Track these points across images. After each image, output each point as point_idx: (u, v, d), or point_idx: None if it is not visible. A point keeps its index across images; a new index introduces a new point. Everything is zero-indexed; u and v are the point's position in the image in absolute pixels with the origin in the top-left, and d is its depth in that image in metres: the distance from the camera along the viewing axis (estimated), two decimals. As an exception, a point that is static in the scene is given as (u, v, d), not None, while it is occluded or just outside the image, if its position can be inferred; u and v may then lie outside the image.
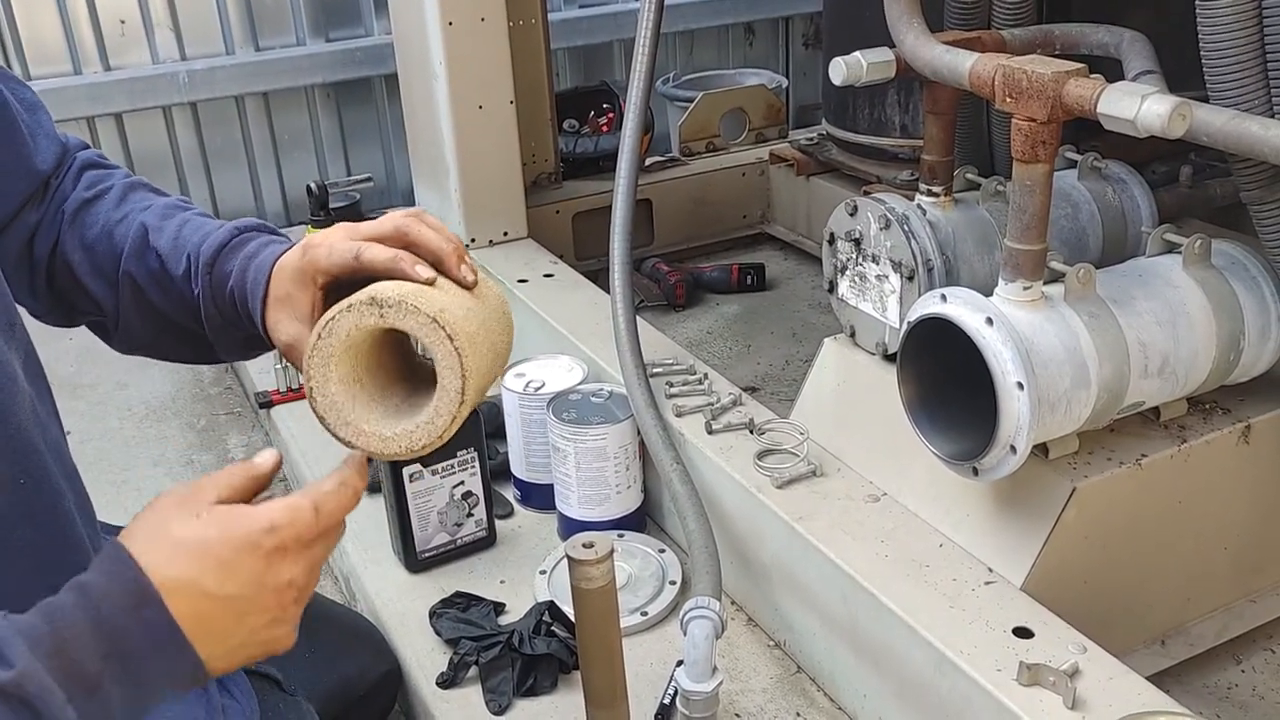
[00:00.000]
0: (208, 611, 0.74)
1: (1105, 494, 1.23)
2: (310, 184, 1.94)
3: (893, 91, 2.23)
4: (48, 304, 1.08)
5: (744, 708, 1.32)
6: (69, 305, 1.08)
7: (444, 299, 0.86)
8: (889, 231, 1.36)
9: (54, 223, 1.05)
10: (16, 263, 1.04)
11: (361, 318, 0.83)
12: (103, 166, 1.11)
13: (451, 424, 0.84)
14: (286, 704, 1.13)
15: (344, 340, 0.83)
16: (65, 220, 1.05)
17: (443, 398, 0.83)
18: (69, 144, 1.11)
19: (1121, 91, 1.04)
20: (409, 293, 0.84)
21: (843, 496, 1.37)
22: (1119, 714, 0.98)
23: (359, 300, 0.83)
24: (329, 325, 0.83)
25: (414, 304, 0.82)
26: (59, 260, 1.05)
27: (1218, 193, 1.62)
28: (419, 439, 0.84)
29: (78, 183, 1.08)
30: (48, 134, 1.07)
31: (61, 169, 1.08)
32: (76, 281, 1.05)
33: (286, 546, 0.76)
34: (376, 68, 3.11)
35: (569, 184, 2.55)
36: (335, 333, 0.83)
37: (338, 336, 0.83)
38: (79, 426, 2.21)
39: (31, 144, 1.04)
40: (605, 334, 1.68)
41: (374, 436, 0.85)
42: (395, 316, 0.82)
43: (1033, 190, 1.13)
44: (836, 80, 1.35)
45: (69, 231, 1.05)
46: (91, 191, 1.07)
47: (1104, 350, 1.16)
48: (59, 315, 1.10)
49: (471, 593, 1.48)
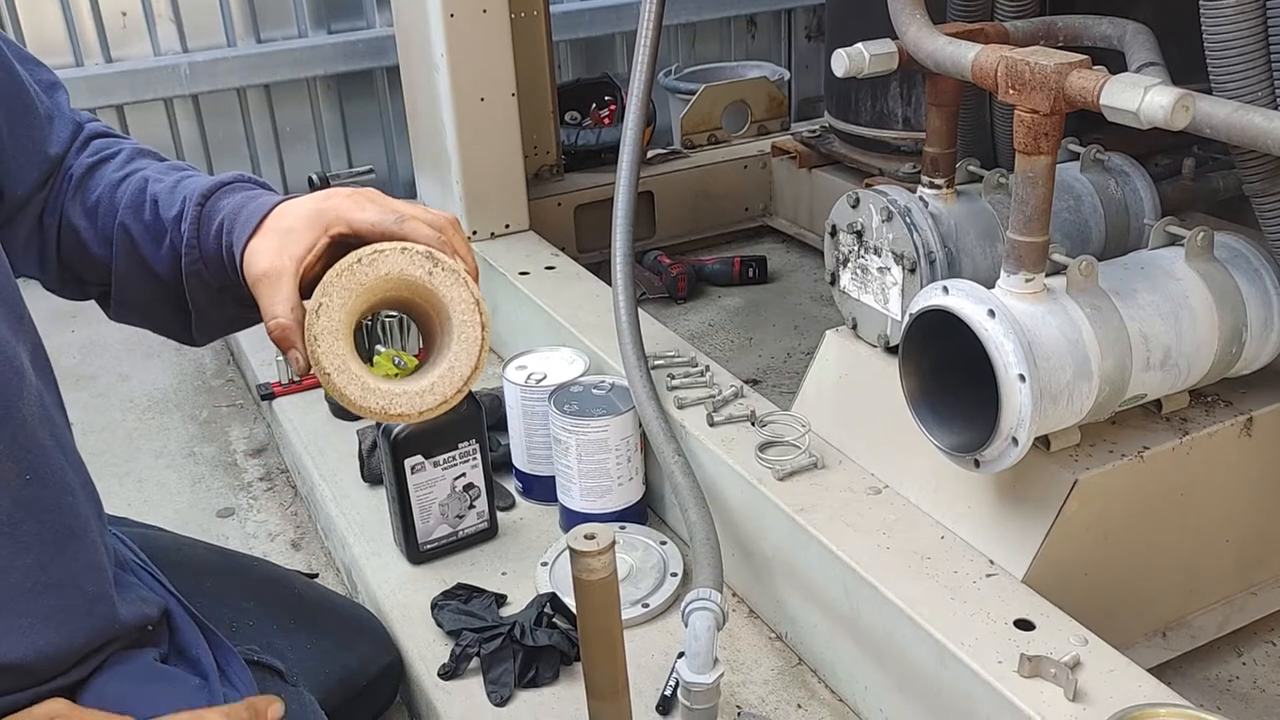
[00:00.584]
0: None
1: (1107, 486, 1.23)
2: (312, 175, 1.94)
3: (895, 84, 2.23)
4: (58, 275, 1.07)
5: (745, 699, 1.32)
6: (77, 275, 1.07)
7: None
8: (891, 224, 1.36)
9: (61, 192, 1.05)
10: (28, 237, 1.04)
11: (411, 264, 0.81)
12: (111, 135, 1.11)
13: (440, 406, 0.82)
14: (288, 695, 1.13)
15: (381, 278, 0.81)
16: (71, 186, 1.04)
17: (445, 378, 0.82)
18: (83, 121, 1.11)
19: (1124, 83, 1.03)
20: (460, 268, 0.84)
21: (844, 489, 1.37)
22: (1120, 706, 0.98)
23: (415, 249, 0.82)
24: (373, 258, 0.81)
25: (465, 277, 0.82)
26: (65, 227, 1.04)
27: (1220, 185, 1.62)
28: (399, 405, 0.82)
29: (84, 150, 1.07)
30: (64, 115, 1.07)
31: (74, 146, 1.08)
32: (81, 246, 1.04)
33: None
34: (378, 60, 3.11)
35: (570, 176, 2.54)
36: (377, 265, 0.81)
37: (378, 270, 0.81)
38: (81, 418, 2.21)
39: (48, 128, 1.04)
40: (607, 326, 1.68)
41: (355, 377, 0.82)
42: (443, 280, 0.81)
43: (1035, 182, 1.13)
44: (839, 72, 1.35)
45: (73, 198, 1.04)
46: (97, 157, 1.06)
47: (1106, 342, 1.16)
48: (70, 287, 1.09)
49: (473, 584, 1.48)
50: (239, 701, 0.77)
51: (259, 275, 0.88)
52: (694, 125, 2.75)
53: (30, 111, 1.01)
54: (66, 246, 1.05)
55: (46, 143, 1.04)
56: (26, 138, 1.01)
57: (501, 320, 2.12)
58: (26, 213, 1.04)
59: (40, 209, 1.05)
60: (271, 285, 0.86)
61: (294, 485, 1.97)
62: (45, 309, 2.61)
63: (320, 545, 1.81)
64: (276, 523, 1.88)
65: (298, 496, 1.94)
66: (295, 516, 1.89)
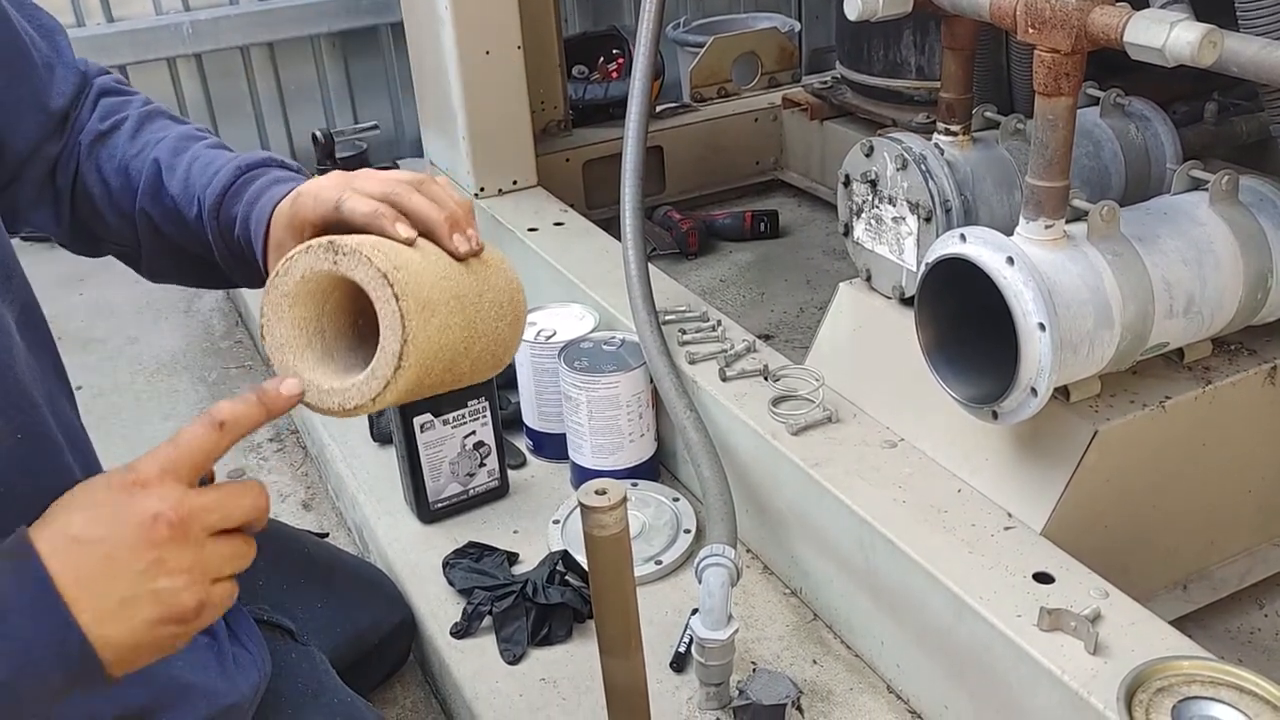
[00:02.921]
0: (79, 558, 0.70)
1: (1128, 437, 1.20)
2: (316, 132, 1.90)
3: (908, 32, 2.18)
4: (72, 233, 1.07)
5: (760, 655, 1.31)
6: (92, 234, 1.08)
7: (412, 259, 0.82)
8: (906, 172, 1.33)
9: (73, 154, 1.04)
10: (39, 194, 1.04)
11: (317, 260, 0.80)
12: (119, 93, 1.09)
13: (385, 390, 0.79)
14: (299, 654, 1.13)
15: (299, 282, 0.81)
16: (83, 152, 1.04)
17: (380, 359, 0.79)
18: (89, 71, 1.09)
19: (1149, 19, 1.00)
20: (369, 244, 0.80)
21: (859, 442, 1.35)
22: (1141, 659, 0.96)
23: (317, 243, 0.80)
24: (286, 265, 0.81)
25: (368, 255, 0.78)
26: (80, 192, 1.04)
27: (1244, 130, 1.58)
28: (351, 398, 0.80)
29: (93, 112, 1.06)
30: (66, 63, 1.05)
31: (80, 99, 1.06)
32: (97, 211, 1.04)
33: (147, 480, 0.71)
34: (383, 16, 3.07)
35: (579, 131, 2.51)
36: (290, 273, 0.81)
37: (293, 277, 0.81)
38: (90, 381, 2.20)
39: (48, 78, 1.02)
40: (617, 282, 1.65)
41: (311, 386, 0.81)
42: (348, 265, 0.79)
43: (1055, 125, 1.10)
44: (851, 15, 1.31)
45: (86, 163, 1.04)
46: (107, 123, 1.05)
47: (1128, 290, 1.13)
48: (84, 244, 1.10)
49: (484, 543, 1.47)
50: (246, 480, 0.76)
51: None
52: (703, 78, 2.70)
53: (23, 58, 0.98)
54: (82, 208, 1.05)
55: (46, 94, 1.02)
56: (22, 88, 0.98)
57: (510, 278, 2.10)
58: (33, 169, 1.02)
59: (50, 167, 1.03)
60: None
61: (304, 446, 1.96)
62: (53, 272, 2.62)
63: (331, 505, 1.80)
64: (287, 483, 1.87)
65: (308, 457, 1.93)
66: (306, 477, 1.88)
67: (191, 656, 0.95)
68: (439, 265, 0.86)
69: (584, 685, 1.27)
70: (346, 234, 0.84)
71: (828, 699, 1.25)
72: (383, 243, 0.82)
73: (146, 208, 1.02)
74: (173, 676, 0.93)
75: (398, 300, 0.78)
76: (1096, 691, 0.97)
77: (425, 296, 0.81)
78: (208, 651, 0.97)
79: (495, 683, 1.29)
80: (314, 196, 0.91)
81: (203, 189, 0.99)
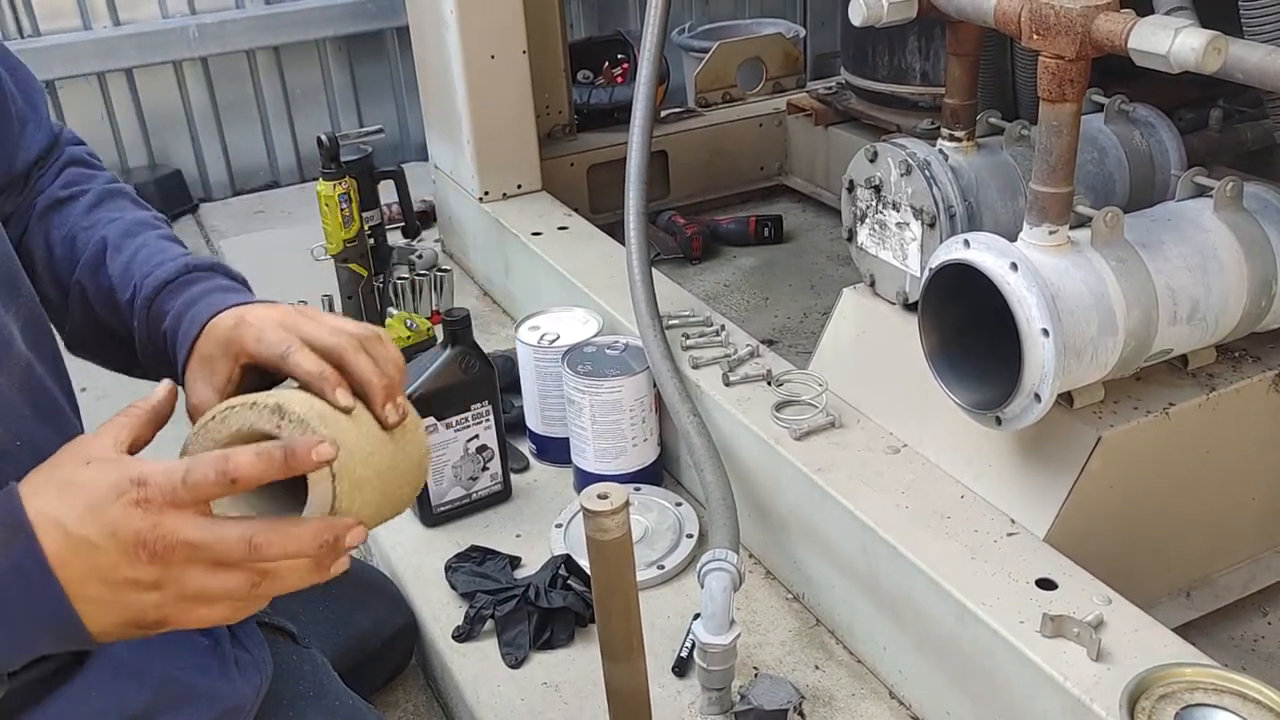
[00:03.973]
0: (66, 551, 0.73)
1: (1131, 444, 1.20)
2: (321, 135, 1.91)
3: (913, 38, 2.18)
4: None
5: (762, 660, 1.31)
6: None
7: (349, 434, 0.83)
8: (910, 177, 1.33)
9: (25, 214, 1.04)
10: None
11: (259, 419, 0.79)
12: (88, 165, 1.09)
13: None
14: (301, 656, 1.13)
15: (233, 434, 0.80)
16: (35, 214, 1.04)
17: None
18: (62, 136, 1.09)
19: (1154, 25, 1.00)
20: (315, 416, 0.80)
21: (862, 448, 1.35)
22: (1144, 666, 0.96)
23: (263, 403, 0.80)
24: (224, 415, 0.80)
25: (315, 429, 0.79)
26: (23, 250, 1.03)
27: (1248, 137, 1.58)
28: None
29: (57, 178, 1.06)
30: (39, 121, 1.05)
31: (47, 160, 1.06)
32: (35, 275, 1.03)
33: (150, 500, 0.73)
34: (388, 20, 3.07)
35: (583, 136, 2.51)
36: (228, 423, 0.80)
37: (229, 428, 0.80)
38: (96, 383, 2.18)
39: (18, 132, 1.02)
40: (621, 286, 1.65)
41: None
42: (291, 433, 0.78)
43: (1059, 131, 1.10)
44: (856, 20, 1.31)
45: (36, 226, 1.04)
46: (66, 191, 1.05)
47: (1132, 296, 1.13)
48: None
49: (487, 547, 1.48)
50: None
51: (193, 408, 0.90)
52: (708, 83, 2.70)
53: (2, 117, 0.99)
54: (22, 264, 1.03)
55: (13, 149, 1.02)
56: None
57: (514, 281, 2.10)
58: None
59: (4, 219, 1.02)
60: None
61: (307, 449, 1.96)
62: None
63: (334, 508, 1.80)
64: (290, 486, 1.87)
65: (311, 460, 1.93)
66: (309, 480, 1.88)
67: (192, 658, 0.95)
68: (369, 439, 0.85)
69: (586, 689, 1.27)
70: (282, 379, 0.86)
71: (830, 704, 1.25)
72: (326, 412, 0.82)
73: (84, 281, 1.01)
74: (173, 678, 0.93)
75: (334, 480, 0.78)
76: (1099, 698, 0.97)
77: (357, 476, 0.81)
78: (209, 654, 0.97)
79: (497, 686, 1.29)
80: (258, 335, 0.89)
81: (143, 276, 0.99)
